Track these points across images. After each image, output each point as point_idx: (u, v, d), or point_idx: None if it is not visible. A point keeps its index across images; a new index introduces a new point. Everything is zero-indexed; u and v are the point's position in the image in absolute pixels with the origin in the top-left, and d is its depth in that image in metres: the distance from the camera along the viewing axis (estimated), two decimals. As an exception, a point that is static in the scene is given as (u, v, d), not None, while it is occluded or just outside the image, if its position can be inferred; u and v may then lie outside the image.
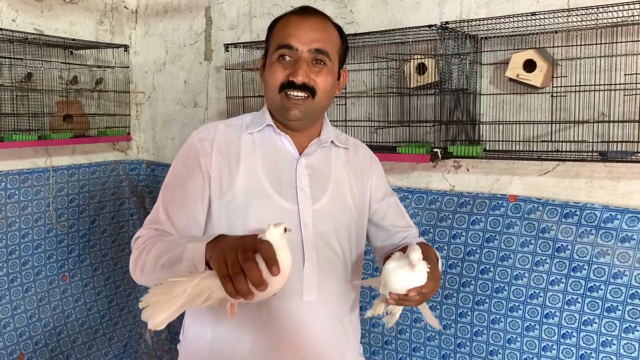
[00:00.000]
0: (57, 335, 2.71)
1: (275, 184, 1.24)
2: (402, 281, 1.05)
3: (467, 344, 2.13)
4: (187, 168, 1.26)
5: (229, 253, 0.92)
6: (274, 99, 1.25)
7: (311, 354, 1.24)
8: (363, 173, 1.39)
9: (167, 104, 3.01)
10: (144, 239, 1.20)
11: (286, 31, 1.24)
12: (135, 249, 1.19)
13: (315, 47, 1.23)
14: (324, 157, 1.32)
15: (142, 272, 1.15)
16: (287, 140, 1.28)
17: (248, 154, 1.26)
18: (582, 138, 1.84)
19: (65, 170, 2.72)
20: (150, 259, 1.12)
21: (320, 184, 1.28)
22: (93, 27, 2.85)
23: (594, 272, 1.88)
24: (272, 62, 1.25)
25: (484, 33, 1.96)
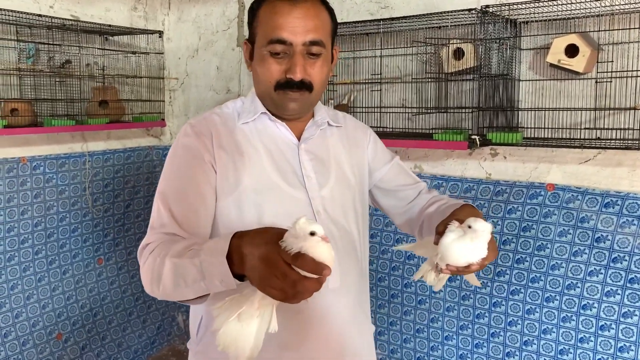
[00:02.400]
0: (93, 317, 2.77)
1: (282, 174, 1.19)
2: (464, 255, 1.00)
3: (500, 334, 2.11)
4: (189, 165, 1.16)
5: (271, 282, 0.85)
6: (270, 95, 1.18)
7: (338, 341, 1.23)
8: (358, 145, 1.35)
9: (200, 90, 3.03)
10: (152, 246, 1.08)
11: (275, 21, 1.12)
12: (143, 259, 1.08)
13: (310, 39, 1.13)
14: (320, 140, 1.28)
15: (158, 286, 1.04)
16: (284, 127, 1.23)
17: (249, 146, 1.19)
18: (625, 125, 1.78)
19: (100, 155, 2.77)
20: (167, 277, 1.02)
21: (322, 168, 1.24)
22: (127, 14, 2.87)
23: (636, 264, 1.83)
24: (262, 56, 1.14)
25: (524, 17, 1.91)
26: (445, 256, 1.01)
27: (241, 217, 1.15)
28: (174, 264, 1.00)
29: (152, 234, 1.12)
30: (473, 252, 0.99)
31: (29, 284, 2.51)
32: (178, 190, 1.14)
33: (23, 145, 2.45)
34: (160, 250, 1.05)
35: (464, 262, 1.01)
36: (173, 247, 1.03)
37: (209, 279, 0.94)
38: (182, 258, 0.99)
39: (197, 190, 1.14)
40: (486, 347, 2.14)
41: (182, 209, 1.12)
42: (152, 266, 1.04)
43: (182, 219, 1.12)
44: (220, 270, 0.92)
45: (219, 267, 0.92)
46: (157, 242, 1.08)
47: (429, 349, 2.28)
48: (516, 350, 2.08)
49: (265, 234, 0.89)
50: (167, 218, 1.12)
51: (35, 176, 2.50)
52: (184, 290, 1.00)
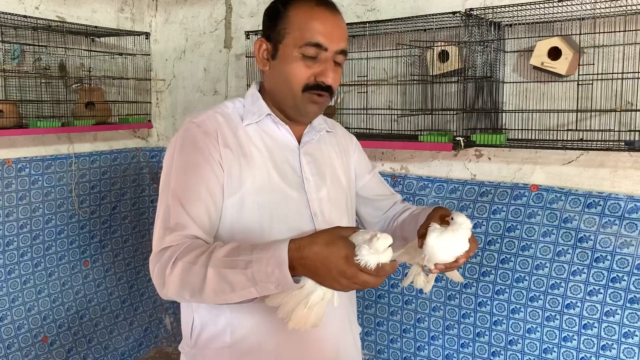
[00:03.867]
0: (79, 319, 2.76)
1: (283, 175, 1.21)
2: (450, 250, 1.05)
3: (486, 333, 2.13)
4: (197, 162, 1.15)
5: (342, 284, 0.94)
6: (294, 97, 1.18)
7: (333, 342, 1.25)
8: (346, 152, 1.40)
9: (187, 91, 3.03)
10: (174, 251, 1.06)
11: (314, 26, 1.15)
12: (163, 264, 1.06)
13: (341, 48, 1.18)
14: (317, 144, 1.31)
15: (191, 294, 1.04)
16: (287, 130, 1.25)
17: (252, 147, 1.20)
18: (607, 127, 1.81)
19: (87, 157, 2.75)
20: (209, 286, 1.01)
21: (319, 171, 1.28)
22: (114, 15, 2.87)
23: (617, 263, 1.86)
24: (293, 58, 1.16)
25: (508, 20, 1.93)
26: (432, 255, 1.05)
27: (242, 217, 1.16)
28: (219, 273, 0.99)
29: (172, 236, 1.09)
30: (457, 245, 1.04)
31: (14, 286, 2.49)
32: (190, 189, 1.13)
33: (8, 146, 2.44)
34: (195, 256, 1.03)
35: (452, 256, 1.05)
36: (213, 254, 1.02)
37: (261, 286, 0.96)
38: (229, 268, 0.99)
39: (208, 189, 1.14)
40: (472, 346, 2.16)
41: (197, 209, 1.12)
42: (184, 274, 1.03)
43: (197, 218, 1.12)
44: (280, 279, 0.94)
45: (279, 276, 0.94)
46: (181, 246, 1.06)
47: (415, 349, 2.29)
48: (501, 349, 2.10)
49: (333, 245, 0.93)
50: (185, 219, 1.11)
51: (20, 178, 2.49)
52: (228, 296, 1.01)
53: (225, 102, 1.27)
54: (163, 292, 1.08)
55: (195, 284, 1.02)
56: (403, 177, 2.30)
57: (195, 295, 1.03)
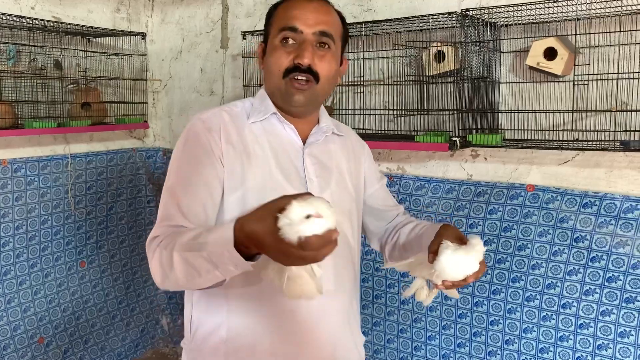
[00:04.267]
0: (76, 320, 2.75)
1: (286, 174, 1.22)
2: (461, 269, 1.06)
3: (482, 333, 2.13)
4: (198, 157, 1.18)
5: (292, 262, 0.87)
6: (278, 85, 1.21)
7: (330, 343, 1.25)
8: (357, 159, 1.40)
9: (184, 92, 3.02)
10: (159, 240, 1.10)
11: (289, 13, 1.20)
12: (151, 253, 1.09)
13: (320, 30, 1.19)
14: (324, 146, 1.31)
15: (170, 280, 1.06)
16: (292, 129, 1.26)
17: (256, 145, 1.22)
18: (603, 127, 1.82)
19: (83, 157, 2.75)
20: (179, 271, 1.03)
21: (324, 172, 1.28)
22: (110, 15, 2.86)
23: (613, 263, 1.87)
24: (274, 47, 1.21)
25: (504, 20, 1.94)
26: (442, 272, 1.06)
27: (243, 214, 1.16)
28: (183, 258, 1.01)
29: (159, 226, 1.14)
30: (468, 265, 1.06)
31: (9, 287, 2.48)
32: (186, 182, 1.16)
33: (4, 147, 2.43)
34: (167, 243, 1.06)
35: (461, 275, 1.06)
36: (178, 240, 1.03)
37: (222, 267, 0.96)
38: (190, 252, 1.00)
39: (205, 183, 1.16)
40: (468, 346, 2.16)
41: (190, 201, 1.14)
42: (160, 260, 1.06)
43: (188, 210, 1.14)
44: (232, 259, 0.93)
45: (230, 256, 0.93)
46: (163, 236, 1.10)
47: (412, 349, 2.30)
48: (497, 349, 2.10)
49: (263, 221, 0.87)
50: (174, 209, 1.14)
51: (16, 179, 2.48)
52: (198, 281, 1.02)
53: (235, 102, 1.31)
54: (155, 281, 1.11)
55: (167, 270, 1.04)
56: (400, 177, 2.30)
57: (173, 281, 1.06)
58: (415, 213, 2.25)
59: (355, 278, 1.36)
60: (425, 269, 1.13)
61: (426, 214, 2.23)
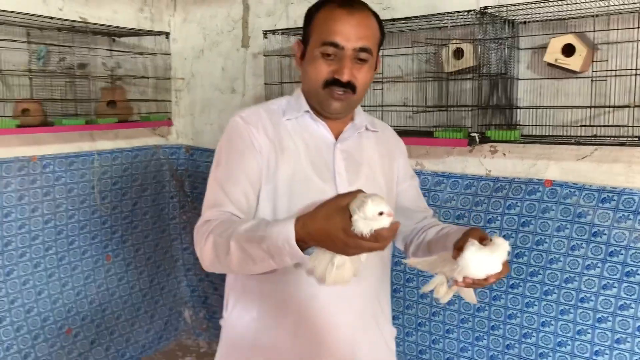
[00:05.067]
0: (102, 312, 2.84)
1: (316, 168, 1.28)
2: (484, 267, 1.09)
3: (500, 327, 2.16)
4: (240, 149, 1.27)
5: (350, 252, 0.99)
6: (316, 93, 1.28)
7: (350, 326, 1.30)
8: (390, 154, 1.44)
9: (206, 90, 3.09)
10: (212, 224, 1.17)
11: (331, 27, 1.23)
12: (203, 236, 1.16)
13: (360, 46, 1.23)
14: (357, 142, 1.36)
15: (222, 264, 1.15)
16: (324, 126, 1.33)
17: (290, 140, 1.29)
18: (621, 122, 1.83)
19: (108, 154, 2.83)
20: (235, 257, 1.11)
21: (354, 167, 1.33)
22: (134, 15, 2.93)
23: (631, 257, 1.88)
24: (314, 56, 1.25)
25: (522, 17, 1.96)
26: (465, 268, 1.10)
27: (274, 204, 1.26)
28: (241, 247, 1.09)
29: (210, 211, 1.22)
30: (491, 264, 1.09)
31: (40, 279, 2.57)
32: (231, 174, 1.25)
33: (33, 144, 2.52)
34: (222, 230, 1.14)
35: (483, 274, 1.10)
36: (236, 229, 1.12)
37: (278, 258, 1.06)
38: (248, 242, 1.08)
39: (247, 173, 1.25)
40: (486, 339, 2.19)
41: (235, 192, 1.23)
42: (214, 246, 1.14)
43: (233, 197, 1.23)
44: (291, 252, 1.03)
45: (289, 250, 1.02)
46: (215, 221, 1.18)
47: (430, 342, 2.33)
48: (516, 342, 2.13)
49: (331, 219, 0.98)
50: (223, 198, 1.23)
51: (45, 175, 2.56)
52: (252, 267, 1.12)
53: (274, 100, 1.39)
54: (202, 263, 1.20)
55: (223, 256, 1.13)
56: (418, 173, 2.33)
57: (225, 266, 1.15)
58: (434, 208, 2.27)
59: (382, 266, 1.39)
60: (447, 265, 1.16)
61: (445, 210, 2.26)
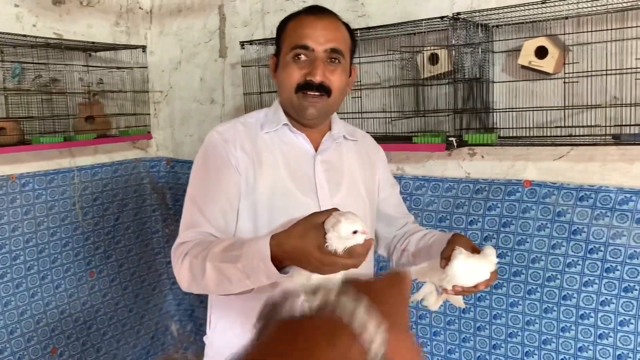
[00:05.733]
0: (87, 330, 2.80)
1: (296, 182, 1.28)
2: (472, 276, 1.11)
3: (486, 327, 2.18)
4: (217, 166, 1.26)
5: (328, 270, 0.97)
6: (290, 99, 1.28)
7: None
8: (371, 163, 1.45)
9: (184, 101, 3.08)
10: (188, 245, 1.17)
11: (301, 31, 1.26)
12: (179, 258, 1.16)
13: (330, 47, 1.25)
14: (337, 152, 1.37)
15: (199, 285, 1.14)
16: (303, 138, 1.32)
17: (268, 153, 1.28)
18: (594, 122, 1.87)
19: (88, 169, 2.80)
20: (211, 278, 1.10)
21: (335, 178, 1.33)
22: (110, 29, 2.92)
23: (610, 254, 1.92)
24: (287, 62, 1.27)
25: (495, 21, 1.99)
26: (454, 277, 1.11)
27: (254, 220, 1.25)
28: (217, 268, 1.08)
29: (186, 232, 1.21)
30: (480, 272, 1.11)
31: (22, 299, 2.53)
32: (207, 193, 1.24)
33: (11, 163, 2.49)
34: (198, 251, 1.13)
35: (472, 282, 1.12)
36: (211, 249, 1.11)
37: (254, 278, 1.04)
38: (224, 263, 1.07)
39: (224, 191, 1.24)
40: (473, 340, 2.21)
41: (212, 211, 1.22)
42: (190, 267, 1.13)
43: (210, 217, 1.22)
44: (266, 271, 1.01)
45: (265, 269, 1.01)
46: (192, 242, 1.17)
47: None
48: (501, 342, 2.15)
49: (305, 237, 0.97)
50: (198, 216, 1.22)
51: (24, 193, 2.53)
52: (228, 288, 1.10)
53: (252, 113, 1.39)
54: (180, 285, 1.20)
55: (199, 277, 1.12)
56: (400, 177, 2.35)
57: (202, 287, 1.14)
58: (416, 212, 2.30)
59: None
60: (436, 274, 1.17)
61: (427, 213, 2.28)
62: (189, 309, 3.18)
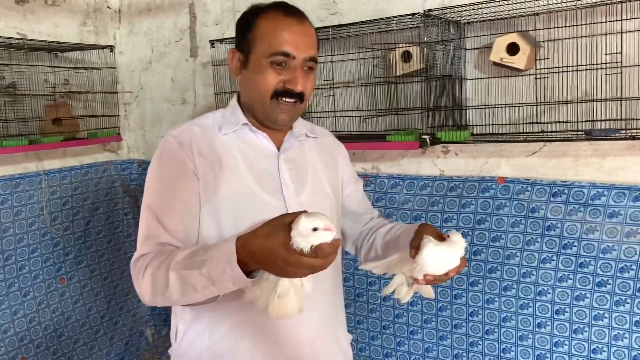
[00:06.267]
0: (58, 338, 2.73)
1: (260, 182, 1.24)
2: (443, 264, 1.10)
3: (463, 325, 2.17)
4: (174, 173, 1.20)
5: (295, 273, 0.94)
6: (263, 104, 1.22)
7: (309, 343, 1.28)
8: (333, 159, 1.42)
9: (155, 102, 3.02)
10: (147, 258, 1.12)
11: (280, 36, 1.19)
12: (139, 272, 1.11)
13: (309, 56, 1.22)
14: (299, 150, 1.33)
15: (162, 297, 1.09)
16: (265, 137, 1.28)
17: (228, 155, 1.23)
18: (566, 118, 1.87)
19: (57, 173, 2.73)
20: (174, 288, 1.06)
21: (300, 177, 1.30)
22: (77, 29, 2.84)
23: (584, 249, 1.92)
24: (262, 66, 1.20)
25: (466, 18, 1.98)
26: (424, 266, 1.10)
27: (219, 224, 1.20)
28: (180, 276, 1.04)
29: (145, 245, 1.16)
30: (450, 259, 1.11)
31: (-12, 309, 2.45)
32: (165, 201, 1.18)
33: (-25, 167, 2.40)
34: (159, 262, 1.09)
35: (443, 269, 1.11)
36: (174, 258, 1.06)
37: (219, 284, 1.00)
38: (187, 270, 1.03)
39: (182, 198, 1.18)
40: (450, 338, 2.21)
41: (170, 220, 1.17)
42: (152, 279, 1.09)
43: (169, 226, 1.16)
44: (233, 276, 0.98)
45: (231, 273, 0.98)
46: (151, 254, 1.12)
47: (396, 345, 2.33)
48: (479, 339, 2.15)
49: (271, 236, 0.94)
50: (157, 229, 1.16)
51: (-11, 198, 2.45)
52: (193, 296, 1.06)
53: (207, 114, 1.32)
54: (142, 299, 1.14)
55: (162, 288, 1.07)
56: (375, 176, 2.34)
57: (166, 298, 1.09)
58: (392, 211, 2.28)
59: (336, 278, 1.38)
60: (406, 265, 1.16)
61: (402, 211, 2.27)
62: (163, 313, 3.12)
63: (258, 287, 1.00)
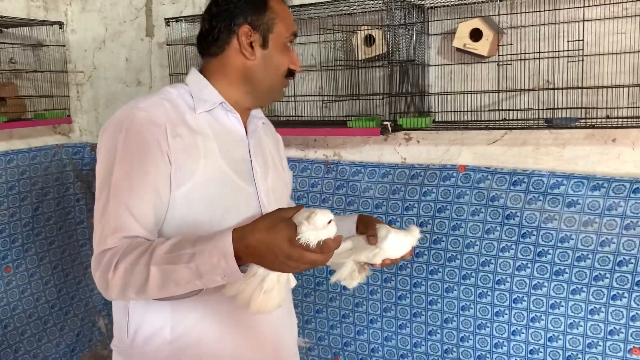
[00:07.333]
0: (3, 329, 2.60)
1: (235, 168, 1.18)
2: (401, 248, 1.20)
3: (422, 314, 2.16)
4: (144, 155, 1.08)
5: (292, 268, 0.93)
6: (277, 82, 1.23)
7: (273, 336, 1.26)
8: (277, 143, 1.42)
9: (109, 83, 2.89)
10: (114, 254, 1.03)
11: (291, 17, 1.24)
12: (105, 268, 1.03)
13: None
14: (259, 133, 1.30)
15: (135, 292, 1.02)
16: (237, 119, 1.21)
17: (203, 137, 1.15)
18: (528, 106, 1.86)
19: (2, 156, 2.58)
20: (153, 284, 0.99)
21: (264, 161, 1.27)
22: (24, 3, 2.69)
23: (543, 238, 1.93)
24: (285, 46, 1.22)
25: (430, 2, 1.94)
26: (385, 251, 1.19)
27: (191, 210, 1.11)
28: (162, 271, 0.98)
29: (112, 238, 1.05)
30: (406, 246, 1.21)
31: None
32: (134, 187, 1.07)
33: None
34: (136, 257, 1.00)
35: (400, 254, 1.21)
36: (154, 252, 0.99)
37: (207, 278, 0.96)
38: (172, 264, 0.97)
39: (154, 186, 1.08)
40: (409, 327, 2.19)
41: (140, 207, 1.06)
42: (126, 275, 1.01)
43: (141, 218, 1.07)
44: (226, 270, 0.94)
45: (225, 267, 0.94)
46: (121, 247, 1.03)
47: (355, 334, 2.30)
48: (437, 328, 2.14)
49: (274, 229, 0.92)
50: (127, 219, 1.06)
51: None
52: (173, 290, 1.01)
53: (166, 88, 1.21)
54: (107, 294, 1.06)
55: (139, 284, 1.01)
56: (336, 163, 2.29)
57: (140, 293, 1.03)
58: (353, 199, 2.25)
59: None
60: (363, 252, 1.20)
61: (363, 199, 2.23)
62: (117, 303, 3.03)
63: (243, 281, 0.98)
